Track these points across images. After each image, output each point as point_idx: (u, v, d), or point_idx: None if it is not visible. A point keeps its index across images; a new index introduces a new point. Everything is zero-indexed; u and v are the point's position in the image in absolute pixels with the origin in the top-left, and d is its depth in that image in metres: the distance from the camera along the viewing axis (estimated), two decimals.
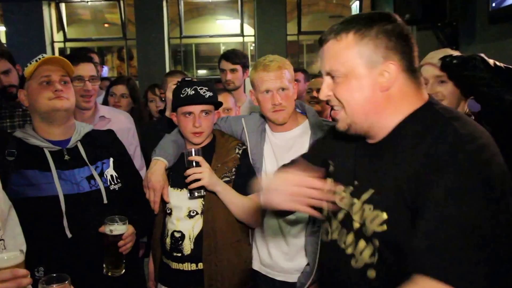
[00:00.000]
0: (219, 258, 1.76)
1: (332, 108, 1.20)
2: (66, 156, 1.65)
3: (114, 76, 9.70)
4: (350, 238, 1.12)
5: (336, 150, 1.27)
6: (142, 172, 2.27)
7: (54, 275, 1.16)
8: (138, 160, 2.45)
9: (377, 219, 1.03)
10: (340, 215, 1.17)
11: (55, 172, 1.60)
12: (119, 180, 1.73)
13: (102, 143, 1.78)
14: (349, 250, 1.11)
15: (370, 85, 1.07)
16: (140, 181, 1.89)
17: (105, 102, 2.91)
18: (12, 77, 2.72)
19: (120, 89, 2.90)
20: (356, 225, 1.10)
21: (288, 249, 1.84)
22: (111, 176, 1.71)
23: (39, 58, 1.65)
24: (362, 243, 1.08)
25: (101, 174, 1.69)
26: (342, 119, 1.12)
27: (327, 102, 1.15)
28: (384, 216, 1.02)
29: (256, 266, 1.91)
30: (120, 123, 2.39)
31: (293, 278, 1.84)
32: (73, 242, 1.57)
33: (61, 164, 1.62)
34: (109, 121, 2.38)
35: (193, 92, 1.77)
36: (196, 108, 1.78)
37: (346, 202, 1.15)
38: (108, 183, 1.69)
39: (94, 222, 1.58)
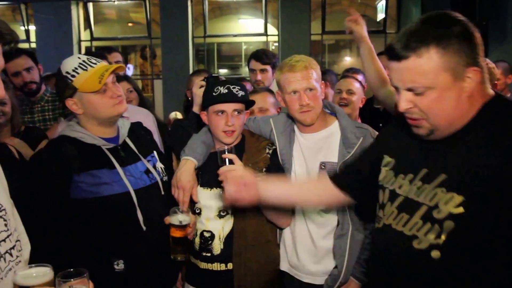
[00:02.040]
0: (249, 258, 1.76)
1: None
2: (121, 152, 1.67)
3: (137, 74, 9.94)
4: (413, 221, 1.16)
5: (393, 145, 1.32)
6: None
7: (72, 270, 1.07)
8: None
9: (452, 201, 1.07)
10: (398, 201, 1.23)
11: (120, 169, 1.62)
12: (165, 172, 1.78)
13: (143, 137, 1.82)
14: (411, 232, 1.16)
15: (456, 93, 1.08)
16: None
17: None
18: (34, 74, 2.80)
19: (124, 85, 2.83)
20: (424, 208, 1.14)
21: (316, 251, 1.82)
22: (161, 168, 1.77)
23: (84, 65, 1.57)
24: (428, 225, 1.12)
25: (154, 167, 1.74)
26: (425, 127, 1.15)
27: (405, 112, 1.16)
28: (460, 198, 1.06)
29: (284, 267, 1.90)
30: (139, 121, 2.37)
31: (320, 280, 1.82)
32: (148, 234, 1.63)
33: (120, 161, 1.64)
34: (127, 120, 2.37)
35: (226, 90, 1.76)
36: (229, 107, 1.77)
37: (406, 189, 1.21)
38: (161, 175, 1.75)
39: (160, 213, 1.65)
